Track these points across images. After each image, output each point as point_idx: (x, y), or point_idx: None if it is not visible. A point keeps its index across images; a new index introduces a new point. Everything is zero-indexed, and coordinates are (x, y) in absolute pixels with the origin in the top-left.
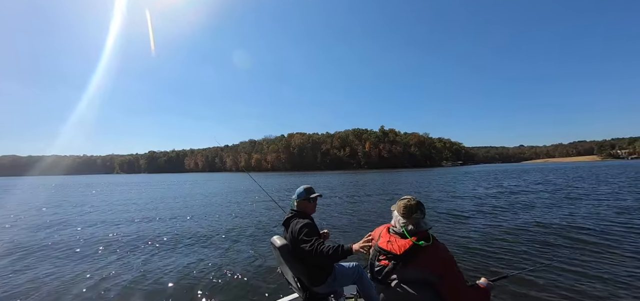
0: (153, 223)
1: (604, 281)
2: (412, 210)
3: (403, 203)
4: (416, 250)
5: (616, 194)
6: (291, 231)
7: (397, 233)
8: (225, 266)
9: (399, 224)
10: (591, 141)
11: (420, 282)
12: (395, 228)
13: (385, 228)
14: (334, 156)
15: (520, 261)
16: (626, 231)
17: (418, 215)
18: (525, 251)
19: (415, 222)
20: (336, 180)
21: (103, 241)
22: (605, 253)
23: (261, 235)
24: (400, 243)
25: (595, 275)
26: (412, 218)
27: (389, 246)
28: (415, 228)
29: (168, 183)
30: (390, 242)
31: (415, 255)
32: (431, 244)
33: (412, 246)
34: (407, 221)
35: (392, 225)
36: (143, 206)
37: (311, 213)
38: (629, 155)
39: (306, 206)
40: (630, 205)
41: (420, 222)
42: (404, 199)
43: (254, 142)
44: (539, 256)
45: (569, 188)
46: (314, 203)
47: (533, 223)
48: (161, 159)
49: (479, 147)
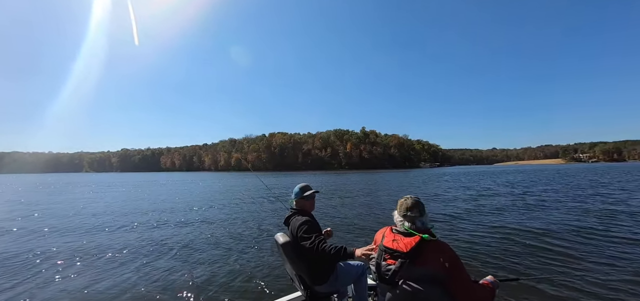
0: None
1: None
2: (413, 208)
3: (404, 202)
4: (422, 247)
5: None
6: (292, 229)
7: (401, 232)
8: (228, 266)
9: (400, 223)
10: (557, 145)
11: (427, 280)
12: (398, 228)
13: (389, 228)
14: (315, 156)
15: (523, 265)
16: None
17: (418, 214)
18: (533, 255)
19: (417, 220)
20: (318, 180)
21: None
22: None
23: (264, 233)
24: (406, 241)
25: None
26: (413, 216)
27: (394, 245)
28: (417, 226)
29: (154, 184)
30: (396, 241)
31: (422, 252)
32: (435, 241)
33: (419, 243)
34: (409, 219)
35: (394, 226)
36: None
37: (310, 210)
38: (589, 159)
39: (304, 204)
40: None
41: (421, 220)
42: (405, 199)
43: (234, 140)
44: (550, 263)
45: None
46: (311, 201)
47: (530, 228)
48: (135, 157)
49: (455, 149)
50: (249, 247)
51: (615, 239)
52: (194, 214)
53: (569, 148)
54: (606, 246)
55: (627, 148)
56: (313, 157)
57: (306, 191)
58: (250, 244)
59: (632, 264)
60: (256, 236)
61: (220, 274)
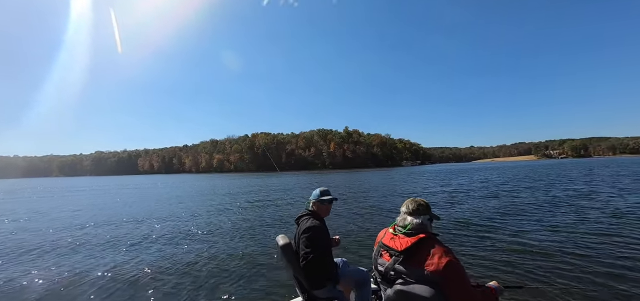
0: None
1: None
2: (415, 210)
3: (412, 203)
4: (419, 247)
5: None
6: (299, 230)
7: (403, 232)
8: (228, 267)
9: (403, 222)
10: (529, 142)
11: (422, 280)
12: (400, 227)
13: (392, 227)
14: (299, 156)
15: (526, 271)
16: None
17: (418, 215)
18: (536, 261)
19: (420, 222)
20: (302, 181)
21: None
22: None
23: (265, 235)
24: (403, 241)
25: None
26: (413, 216)
27: (391, 243)
28: (420, 229)
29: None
30: (394, 239)
31: (418, 252)
32: (434, 242)
33: (415, 243)
34: (412, 220)
35: (397, 225)
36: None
37: (323, 215)
38: (559, 155)
39: (319, 208)
40: None
41: (421, 221)
42: (413, 200)
43: (216, 141)
44: (553, 271)
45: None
46: (327, 206)
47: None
48: (110, 160)
49: (435, 148)
50: (254, 247)
51: (619, 243)
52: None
53: (541, 145)
54: (610, 252)
55: (593, 144)
56: (297, 157)
57: (325, 195)
58: (250, 248)
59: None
60: (254, 239)
61: (221, 274)
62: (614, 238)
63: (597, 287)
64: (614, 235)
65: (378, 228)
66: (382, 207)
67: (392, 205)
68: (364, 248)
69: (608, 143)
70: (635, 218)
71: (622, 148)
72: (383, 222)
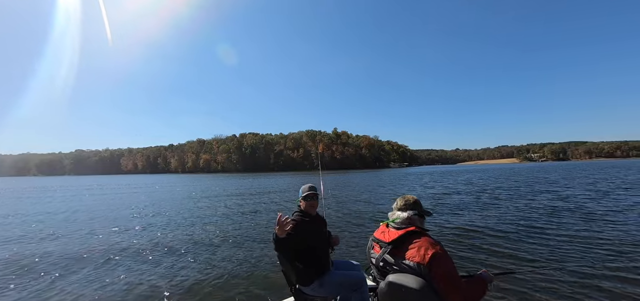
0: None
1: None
2: (407, 206)
3: (401, 200)
4: (406, 240)
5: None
6: None
7: (394, 227)
8: (227, 266)
9: (393, 217)
10: (512, 146)
11: (410, 271)
12: (391, 222)
13: (385, 223)
14: (287, 157)
15: (517, 258)
16: None
17: (407, 209)
18: (526, 249)
19: (408, 216)
20: (290, 182)
21: None
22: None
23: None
24: (392, 233)
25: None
26: (405, 212)
27: (381, 236)
28: (408, 223)
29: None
30: (384, 233)
31: (405, 245)
32: (421, 235)
33: (403, 235)
34: (400, 214)
35: (389, 221)
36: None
37: (309, 211)
38: (540, 158)
39: (304, 204)
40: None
41: (410, 215)
42: (403, 196)
43: (203, 141)
44: (547, 255)
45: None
46: (309, 202)
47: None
48: (91, 159)
49: (422, 150)
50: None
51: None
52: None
53: (522, 149)
54: (591, 240)
55: (571, 148)
56: (285, 157)
57: (304, 192)
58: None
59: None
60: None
61: (221, 274)
62: (594, 229)
63: (583, 269)
64: (592, 228)
65: (367, 226)
66: (374, 206)
67: (381, 204)
68: (355, 247)
69: (585, 147)
70: (610, 212)
71: (597, 152)
72: (374, 220)
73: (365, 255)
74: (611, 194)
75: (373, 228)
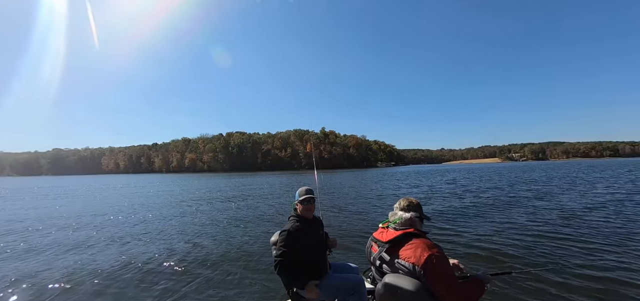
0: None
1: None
2: (410, 208)
3: (404, 201)
4: (403, 240)
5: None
6: None
7: (393, 226)
8: (222, 268)
9: (394, 217)
10: (494, 145)
11: (405, 272)
12: (391, 222)
13: (385, 223)
14: (275, 157)
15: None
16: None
17: (412, 213)
18: (523, 248)
19: (409, 217)
20: (278, 182)
21: None
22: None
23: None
24: (390, 233)
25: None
26: (407, 213)
27: (380, 236)
28: (408, 224)
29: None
30: (382, 232)
31: (401, 245)
32: (418, 237)
33: (400, 236)
34: (402, 215)
35: (389, 221)
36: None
37: (305, 215)
38: (520, 158)
39: (301, 208)
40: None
41: (408, 216)
42: (406, 198)
43: (188, 140)
44: (544, 255)
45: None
46: (306, 206)
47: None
48: (70, 159)
49: (409, 149)
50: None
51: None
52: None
53: (504, 149)
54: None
55: (549, 148)
56: (273, 157)
57: (301, 195)
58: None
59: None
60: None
61: (220, 274)
62: (584, 224)
63: (580, 267)
64: (584, 227)
65: (365, 227)
66: (370, 206)
67: (378, 204)
68: (352, 249)
69: (562, 148)
70: (598, 207)
71: (574, 152)
72: (371, 220)
73: (364, 257)
74: (599, 193)
75: (370, 229)
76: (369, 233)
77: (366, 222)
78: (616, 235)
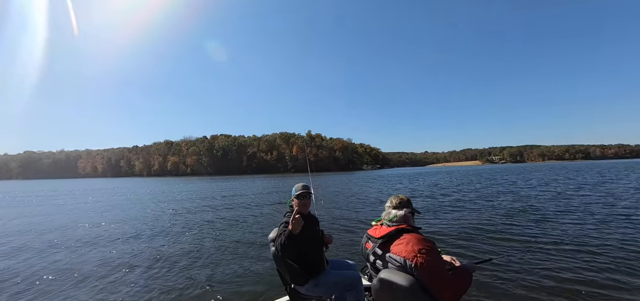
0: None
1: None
2: (402, 204)
3: (395, 199)
4: (395, 236)
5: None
6: None
7: (387, 224)
8: (220, 267)
9: (388, 215)
10: (475, 149)
11: (398, 267)
12: (385, 220)
13: (379, 221)
14: (260, 160)
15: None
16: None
17: (398, 208)
18: (503, 236)
19: (404, 214)
20: (263, 185)
21: None
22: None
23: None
24: (384, 230)
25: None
26: (401, 210)
27: (373, 233)
28: (402, 220)
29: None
30: (376, 229)
31: (394, 241)
32: (410, 232)
33: (392, 232)
34: (397, 212)
35: (383, 219)
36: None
37: (302, 210)
38: (500, 160)
39: (297, 204)
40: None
41: (408, 216)
42: (397, 196)
43: (170, 142)
44: (515, 242)
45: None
46: (303, 201)
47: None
48: (43, 162)
49: (393, 152)
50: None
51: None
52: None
53: (485, 152)
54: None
55: (527, 151)
56: (258, 160)
57: (298, 191)
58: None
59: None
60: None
61: (218, 273)
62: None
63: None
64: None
65: (360, 225)
66: (364, 205)
67: (370, 203)
68: (348, 246)
69: (539, 150)
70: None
71: (549, 154)
72: (365, 218)
73: (360, 254)
74: (562, 192)
75: (364, 227)
76: (362, 231)
77: (358, 220)
78: (574, 224)
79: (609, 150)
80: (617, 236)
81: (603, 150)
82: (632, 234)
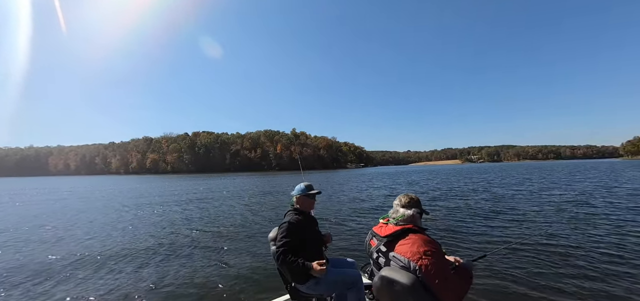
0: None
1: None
2: (411, 204)
3: (404, 197)
4: (401, 236)
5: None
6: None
7: (394, 222)
8: (220, 265)
9: (396, 214)
10: (455, 148)
11: (402, 266)
12: (392, 218)
13: (385, 219)
14: (244, 157)
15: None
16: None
17: (405, 208)
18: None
19: (412, 214)
20: (247, 183)
21: None
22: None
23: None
24: (390, 228)
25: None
26: (409, 210)
27: (379, 231)
28: (410, 220)
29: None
30: (382, 227)
31: (399, 240)
32: (416, 233)
33: (398, 232)
34: (405, 212)
35: (390, 217)
36: None
37: (308, 209)
38: (478, 159)
39: (303, 202)
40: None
41: (416, 216)
42: (406, 194)
43: (150, 139)
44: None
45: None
46: (313, 200)
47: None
48: (10, 158)
49: (377, 151)
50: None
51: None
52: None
53: (464, 151)
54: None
55: (503, 151)
56: (242, 158)
57: (311, 190)
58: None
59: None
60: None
61: (217, 273)
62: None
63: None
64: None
65: (359, 224)
66: (359, 203)
67: (366, 201)
68: (348, 245)
69: (515, 150)
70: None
71: (524, 154)
72: (362, 216)
73: (359, 254)
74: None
75: (364, 225)
76: (364, 229)
77: (361, 218)
78: (547, 216)
79: (578, 150)
80: (600, 232)
81: (573, 151)
82: (622, 230)
